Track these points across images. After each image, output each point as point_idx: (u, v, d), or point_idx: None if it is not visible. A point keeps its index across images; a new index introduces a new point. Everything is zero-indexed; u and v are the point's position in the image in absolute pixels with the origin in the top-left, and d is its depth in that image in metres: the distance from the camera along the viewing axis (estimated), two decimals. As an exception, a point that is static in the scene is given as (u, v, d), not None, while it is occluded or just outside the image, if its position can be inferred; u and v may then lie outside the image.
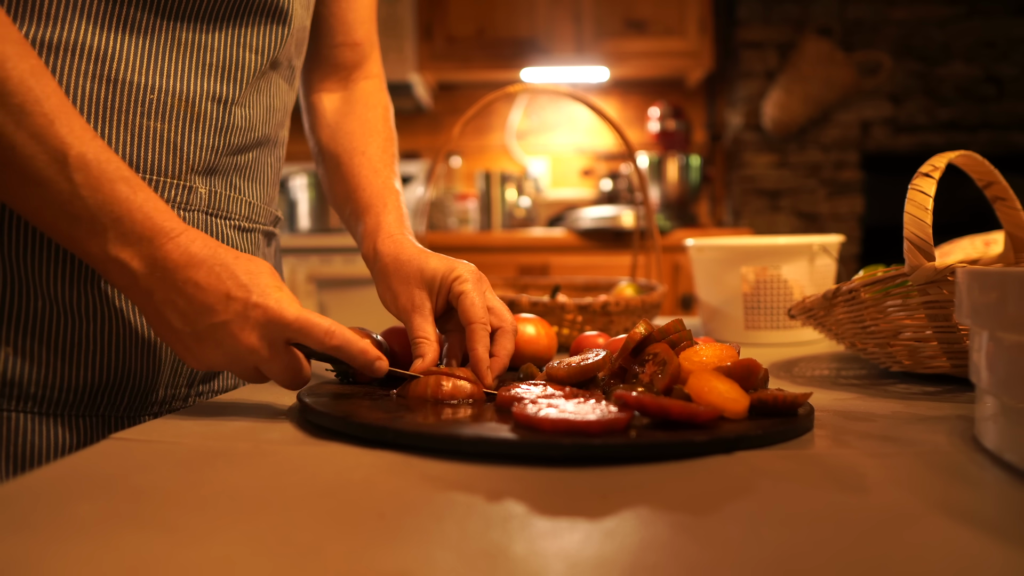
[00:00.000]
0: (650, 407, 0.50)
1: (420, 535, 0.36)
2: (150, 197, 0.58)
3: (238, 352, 0.58)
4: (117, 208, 0.56)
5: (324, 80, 0.89)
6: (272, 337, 0.58)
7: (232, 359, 0.58)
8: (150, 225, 0.57)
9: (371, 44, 0.90)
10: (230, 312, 0.57)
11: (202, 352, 0.58)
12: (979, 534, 0.35)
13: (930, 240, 0.64)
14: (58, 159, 0.55)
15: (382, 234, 0.76)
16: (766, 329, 1.05)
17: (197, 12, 0.67)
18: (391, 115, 0.90)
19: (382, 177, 0.82)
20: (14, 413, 0.64)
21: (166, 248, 0.57)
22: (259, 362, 0.59)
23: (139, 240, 0.56)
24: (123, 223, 0.56)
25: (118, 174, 0.57)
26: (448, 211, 3.36)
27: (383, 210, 0.79)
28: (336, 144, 0.85)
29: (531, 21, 3.15)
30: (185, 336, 0.58)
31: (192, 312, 0.57)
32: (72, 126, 0.56)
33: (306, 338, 0.59)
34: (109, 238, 0.56)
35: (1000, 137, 3.15)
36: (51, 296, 0.64)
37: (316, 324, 0.58)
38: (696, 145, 3.49)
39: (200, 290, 0.57)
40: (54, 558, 0.33)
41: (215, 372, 0.76)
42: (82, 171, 0.55)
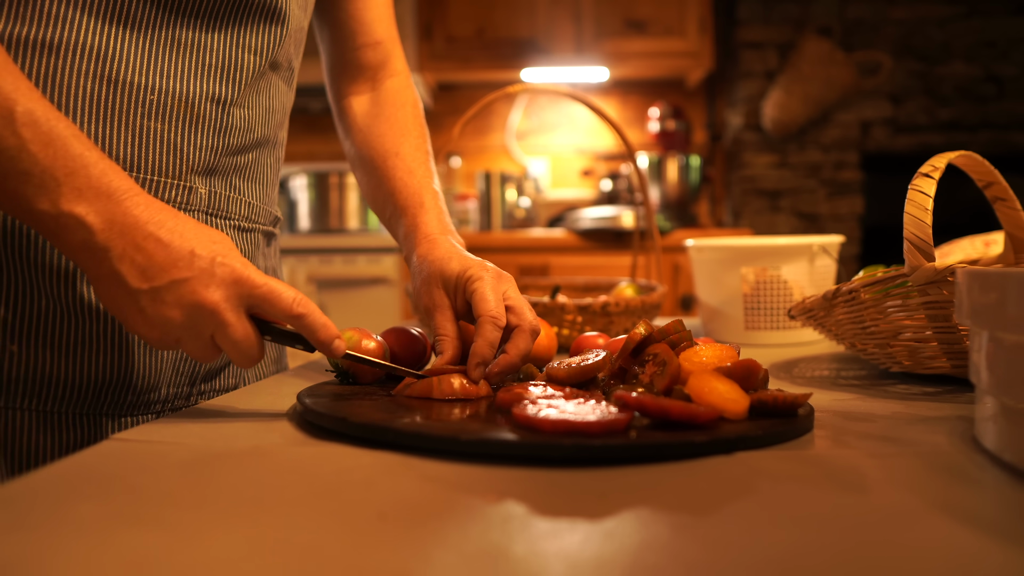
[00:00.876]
0: (650, 408, 0.50)
1: (420, 535, 0.36)
2: (103, 157, 0.55)
3: (199, 313, 0.55)
4: (71, 163, 0.53)
5: (351, 84, 0.90)
6: (236, 298, 0.56)
7: (190, 322, 0.55)
8: (106, 182, 0.54)
9: (392, 41, 0.91)
10: (195, 268, 0.54)
11: (157, 314, 0.54)
12: (979, 534, 0.35)
13: (930, 240, 0.64)
14: (3, 114, 0.52)
15: (419, 235, 0.77)
16: (766, 330, 1.05)
17: (196, 11, 0.67)
18: (421, 111, 0.91)
19: (417, 177, 0.83)
20: (17, 411, 0.64)
21: (126, 204, 0.54)
22: (217, 327, 0.55)
23: (96, 196, 0.53)
24: (77, 177, 0.53)
25: (69, 131, 0.54)
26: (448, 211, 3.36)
27: (420, 211, 0.80)
28: (369, 148, 0.86)
29: (531, 21, 3.15)
30: (141, 296, 0.54)
31: (153, 267, 0.54)
32: (18, 84, 0.54)
33: (272, 304, 0.57)
34: (63, 193, 0.53)
35: (1000, 137, 3.15)
36: (53, 295, 0.64)
37: (284, 291, 0.57)
38: (696, 145, 3.49)
39: (163, 246, 0.54)
40: (54, 558, 0.33)
41: (216, 371, 0.77)
42: (30, 127, 0.52)
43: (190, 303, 0.54)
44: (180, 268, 0.54)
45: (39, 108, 0.53)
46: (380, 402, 0.60)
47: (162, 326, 0.55)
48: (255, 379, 0.84)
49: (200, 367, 0.74)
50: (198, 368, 0.74)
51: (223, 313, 0.55)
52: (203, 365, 0.74)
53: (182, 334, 0.56)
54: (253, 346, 0.57)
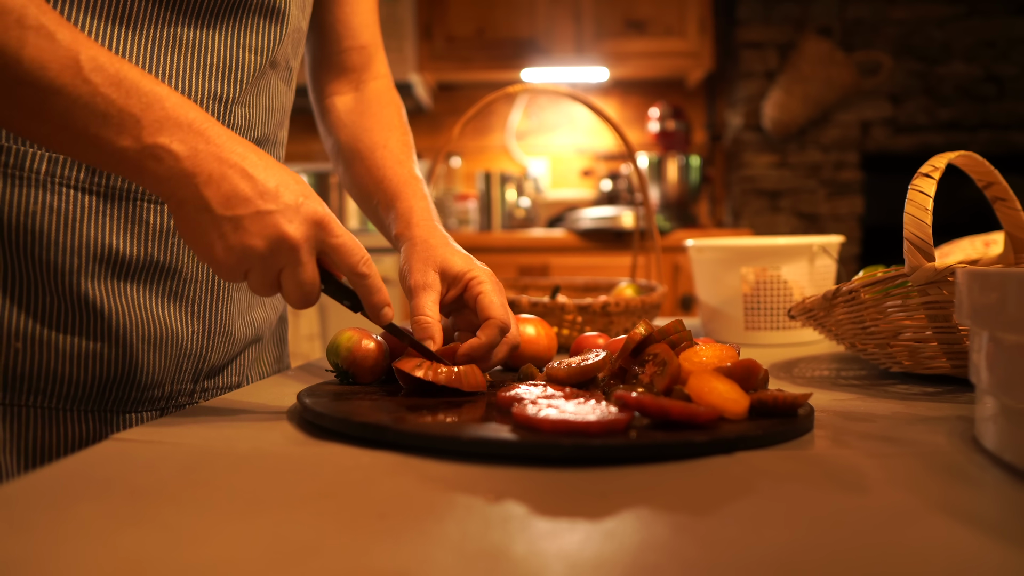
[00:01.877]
0: (650, 408, 0.50)
1: (420, 535, 0.36)
2: (173, 91, 0.56)
3: (280, 246, 0.55)
4: (145, 98, 0.54)
5: (335, 83, 0.90)
6: (314, 240, 0.57)
7: (269, 253, 0.55)
8: (184, 112, 0.55)
9: (376, 46, 0.92)
10: (280, 203, 0.55)
11: (239, 241, 0.55)
12: (979, 534, 0.35)
13: (930, 240, 0.64)
14: (70, 65, 0.52)
15: (415, 217, 0.78)
16: (766, 330, 1.05)
17: (197, 10, 0.67)
18: (404, 113, 0.92)
19: (406, 168, 0.84)
20: (23, 408, 0.64)
21: (207, 133, 0.55)
22: (291, 263, 0.56)
23: (177, 126, 0.54)
24: (154, 110, 0.54)
25: (135, 71, 0.54)
26: (448, 211, 3.36)
27: (413, 197, 0.81)
28: (356, 140, 0.86)
29: (531, 21, 3.15)
30: (224, 223, 0.54)
31: (237, 197, 0.54)
32: (75, 35, 0.54)
33: (343, 257, 0.59)
34: (144, 127, 0.53)
35: (1000, 137, 3.15)
36: (59, 292, 0.64)
37: (356, 247, 0.59)
38: (696, 145, 3.49)
39: (248, 177, 0.55)
40: (54, 558, 0.33)
41: (219, 368, 0.77)
42: (98, 71, 0.53)
43: (273, 235, 0.55)
44: (266, 200, 0.55)
45: (101, 54, 0.54)
46: (380, 402, 0.60)
47: (241, 253, 0.55)
48: (257, 378, 0.84)
49: (204, 364, 0.74)
50: (201, 365, 0.74)
51: (300, 250, 0.56)
52: (206, 362, 0.74)
53: (256, 264, 0.56)
54: (313, 291, 0.58)
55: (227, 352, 0.77)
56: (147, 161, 0.54)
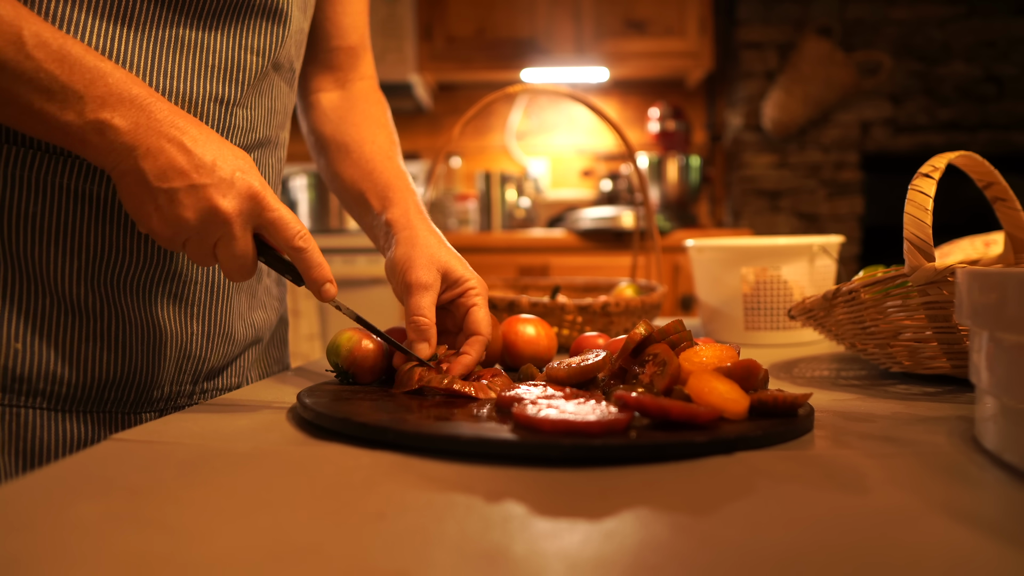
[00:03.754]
0: (650, 408, 0.50)
1: (420, 535, 0.36)
2: (117, 67, 0.57)
3: (211, 219, 0.57)
4: (88, 74, 0.55)
5: (321, 80, 0.90)
6: (248, 214, 0.58)
7: (201, 225, 0.57)
8: (126, 88, 0.56)
9: (364, 47, 0.92)
10: (215, 177, 0.57)
11: (173, 213, 0.56)
12: (979, 534, 0.35)
13: (930, 240, 0.64)
14: (13, 40, 0.54)
15: (412, 212, 0.78)
16: (766, 330, 1.05)
17: (199, 11, 0.67)
18: (390, 113, 0.92)
19: (395, 163, 0.84)
20: (23, 409, 0.64)
21: (149, 108, 0.56)
22: (223, 236, 0.58)
23: (119, 101, 0.56)
24: (97, 86, 0.55)
25: (78, 48, 0.56)
26: (448, 212, 3.36)
27: (406, 191, 0.80)
28: (343, 135, 0.86)
29: (531, 21, 3.15)
30: (159, 195, 0.56)
31: (173, 170, 0.56)
32: (19, 11, 0.55)
33: (278, 231, 0.59)
34: (86, 102, 0.55)
35: (1000, 137, 3.15)
36: (57, 293, 0.64)
37: (291, 221, 0.59)
38: (696, 145, 3.49)
39: (185, 151, 0.56)
40: (54, 558, 0.33)
41: (219, 370, 0.77)
42: (41, 47, 0.54)
43: (205, 208, 0.57)
44: (201, 174, 0.56)
45: (45, 30, 0.55)
46: (380, 402, 0.60)
47: (175, 225, 0.57)
48: (256, 378, 0.84)
49: (203, 366, 0.74)
50: (201, 367, 0.74)
51: (233, 224, 0.57)
52: (206, 364, 0.74)
53: (191, 235, 0.58)
54: (248, 264, 0.60)
55: (227, 353, 0.77)
56: (90, 134, 0.56)
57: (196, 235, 0.58)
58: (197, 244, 0.59)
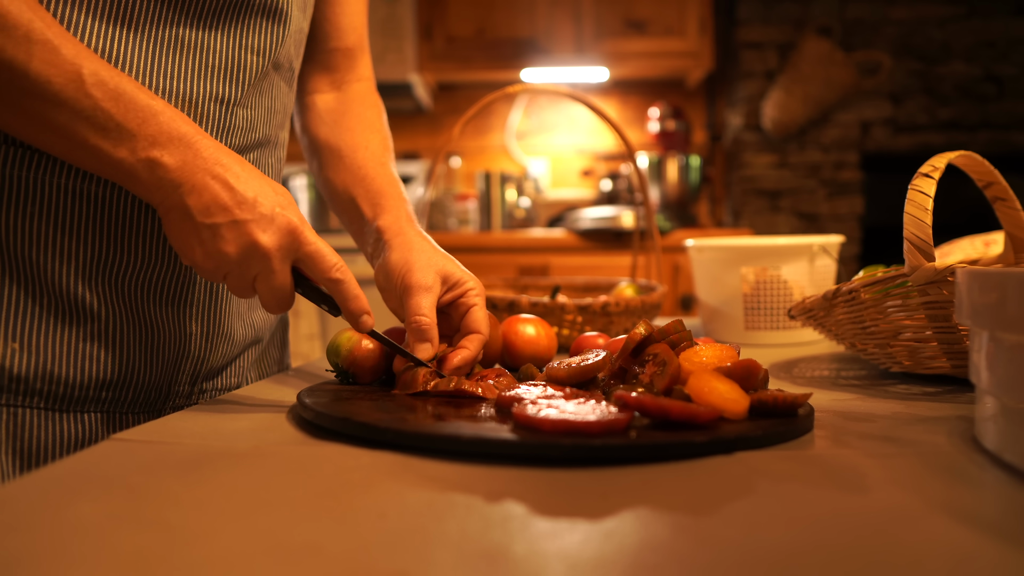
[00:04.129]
0: (650, 408, 0.50)
1: (420, 535, 0.36)
2: (168, 105, 0.60)
3: (252, 254, 0.59)
4: (141, 113, 0.58)
5: (317, 81, 0.90)
6: (287, 249, 0.61)
7: (242, 259, 0.60)
8: (176, 127, 0.59)
9: (362, 49, 0.92)
10: (255, 213, 0.59)
11: (215, 248, 0.59)
12: (979, 534, 0.35)
13: (930, 240, 0.64)
14: (74, 79, 0.56)
15: (404, 218, 0.78)
16: (766, 330, 1.05)
17: (199, 11, 0.67)
18: (385, 116, 0.92)
19: (387, 170, 0.84)
20: (20, 409, 0.64)
21: (196, 146, 0.59)
22: (263, 270, 0.60)
23: (168, 140, 0.59)
24: (149, 125, 0.58)
25: (132, 85, 0.59)
26: (448, 211, 3.36)
27: (399, 198, 0.81)
28: (336, 138, 0.86)
29: (531, 21, 3.15)
30: (203, 230, 0.59)
31: (216, 206, 0.59)
32: (78, 49, 0.57)
33: (315, 264, 0.62)
34: (138, 140, 0.58)
35: (1000, 137, 3.15)
36: (56, 292, 0.64)
37: (328, 255, 0.62)
38: (696, 145, 3.49)
39: (229, 188, 0.59)
40: (54, 558, 0.33)
41: (218, 370, 0.77)
42: (99, 86, 0.57)
43: (246, 243, 0.59)
44: (243, 210, 0.59)
45: (102, 68, 0.58)
46: (380, 402, 0.60)
47: (216, 259, 0.60)
48: (256, 379, 0.84)
49: (202, 366, 0.74)
50: (200, 367, 0.74)
51: (272, 259, 0.60)
52: (205, 364, 0.74)
53: (232, 269, 0.61)
54: (286, 296, 0.63)
55: (226, 354, 0.77)
56: (140, 171, 0.59)
57: (237, 268, 0.60)
58: (238, 277, 0.61)
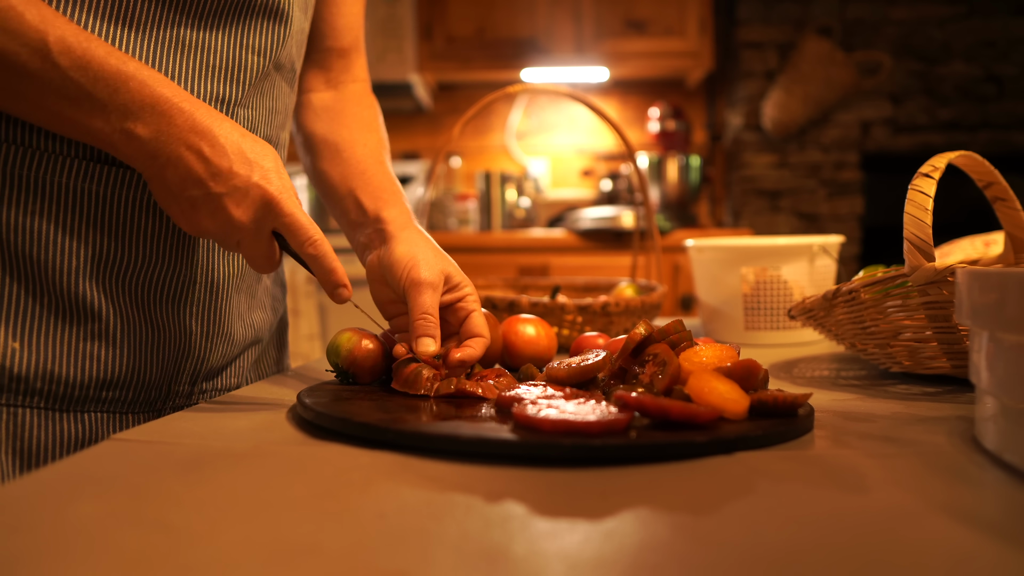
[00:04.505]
0: (650, 408, 0.50)
1: (420, 535, 0.36)
2: (140, 67, 0.59)
3: (227, 225, 0.60)
4: (111, 82, 0.57)
5: (313, 80, 0.90)
6: (262, 221, 0.61)
7: (221, 231, 0.61)
8: (148, 92, 0.58)
9: (358, 50, 0.92)
10: (228, 186, 0.59)
11: (195, 218, 0.60)
12: (979, 534, 0.35)
13: (930, 240, 0.64)
14: (39, 49, 0.55)
15: (406, 216, 0.78)
16: (766, 330, 1.05)
17: (200, 11, 0.67)
18: (381, 117, 0.92)
19: (386, 168, 0.84)
20: (20, 408, 0.64)
21: (171, 112, 0.58)
22: (241, 241, 0.62)
23: (140, 108, 0.58)
24: (119, 95, 0.57)
25: (103, 49, 0.57)
26: (448, 211, 3.36)
27: (399, 195, 0.81)
28: (334, 134, 0.86)
29: (531, 21, 3.15)
30: (182, 201, 0.60)
31: (190, 180, 0.59)
32: (43, 15, 0.56)
33: (291, 236, 0.62)
34: (110, 111, 0.57)
35: (1000, 137, 3.15)
36: (56, 292, 0.64)
37: (304, 227, 0.61)
38: (696, 145, 3.49)
39: (203, 160, 0.59)
40: (54, 558, 0.33)
41: (218, 370, 0.77)
42: (65, 54, 0.56)
43: (223, 218, 0.60)
44: (217, 182, 0.59)
45: (68, 33, 0.57)
46: (380, 402, 0.60)
47: (198, 229, 0.61)
48: (255, 379, 0.84)
49: (202, 365, 0.74)
50: (200, 367, 0.74)
51: (246, 230, 0.61)
52: (205, 363, 0.74)
53: (216, 236, 0.62)
54: (271, 262, 0.64)
55: (226, 354, 0.77)
56: (118, 141, 0.58)
57: (218, 238, 0.62)
58: (224, 242, 0.63)
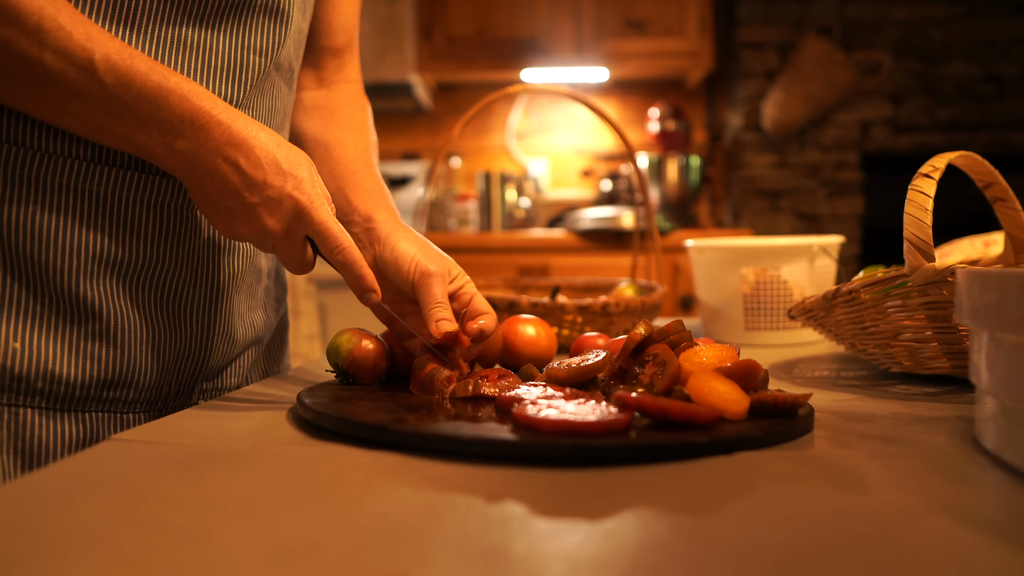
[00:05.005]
0: (650, 408, 0.50)
1: (420, 535, 0.36)
2: (180, 82, 0.61)
3: (262, 233, 0.63)
4: (152, 99, 0.59)
5: (305, 78, 0.90)
6: (294, 230, 0.64)
7: (256, 237, 0.64)
8: (187, 107, 0.60)
9: (352, 51, 0.92)
10: (263, 196, 0.62)
11: (232, 225, 0.64)
12: (979, 534, 0.35)
13: (930, 241, 0.64)
14: (86, 68, 0.57)
15: (397, 216, 0.79)
16: (766, 330, 1.05)
17: (200, 12, 0.67)
18: (371, 119, 0.92)
19: (375, 172, 0.84)
20: (21, 408, 0.64)
21: (210, 125, 0.61)
22: (277, 244, 0.65)
23: (179, 123, 0.60)
24: (160, 111, 0.59)
25: (146, 64, 0.59)
26: (448, 212, 3.36)
27: (389, 197, 0.81)
28: (323, 133, 0.86)
29: (531, 21, 3.15)
30: (219, 210, 0.63)
31: (227, 191, 0.61)
32: (89, 32, 0.58)
33: (321, 243, 0.64)
34: (152, 127, 0.60)
35: (1000, 137, 3.15)
36: (56, 292, 0.64)
37: (335, 235, 0.64)
38: (696, 145, 3.49)
39: (239, 171, 0.61)
40: (54, 558, 0.33)
41: (218, 369, 0.77)
42: (111, 72, 0.58)
43: (257, 227, 0.63)
44: (252, 193, 0.62)
45: (113, 50, 0.58)
46: (380, 402, 0.60)
47: (233, 236, 0.65)
48: (256, 379, 0.84)
49: (203, 365, 0.74)
50: (200, 366, 0.74)
51: (279, 239, 0.64)
52: (206, 364, 0.74)
53: (252, 242, 0.65)
54: (302, 264, 0.66)
55: (227, 354, 0.77)
56: (160, 154, 0.61)
57: (255, 244, 0.65)
58: (260, 246, 0.66)
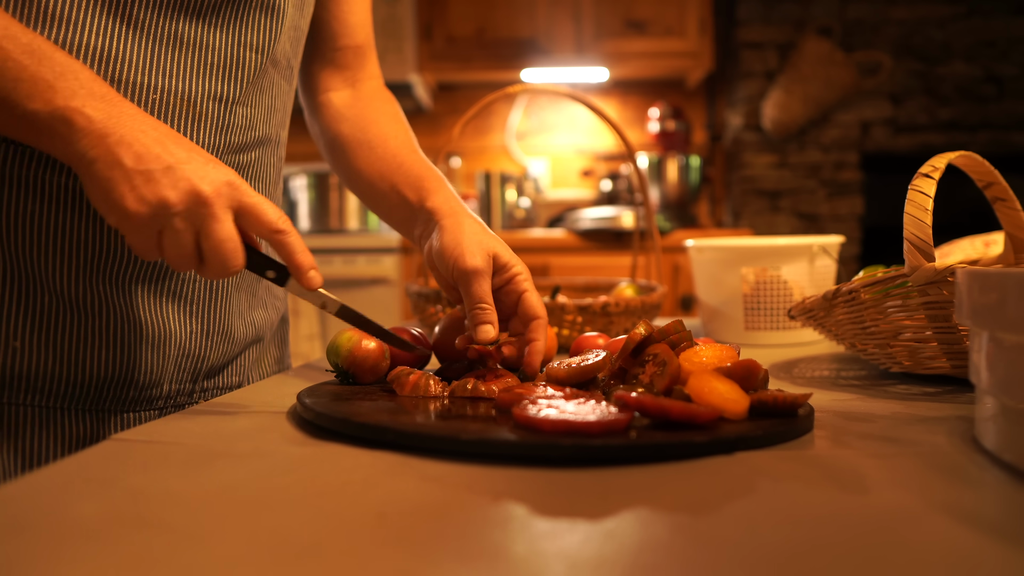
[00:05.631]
0: (650, 408, 0.50)
1: (420, 535, 0.36)
2: (86, 67, 0.57)
3: (192, 198, 0.54)
4: (58, 67, 0.55)
5: (330, 80, 0.90)
6: (228, 196, 0.56)
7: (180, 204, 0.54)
8: (98, 86, 0.56)
9: (370, 47, 0.93)
10: (192, 161, 0.56)
11: (152, 192, 0.54)
12: (979, 534, 0.35)
13: (930, 241, 0.64)
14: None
15: (452, 199, 0.77)
16: (766, 330, 1.05)
17: (197, 9, 0.67)
18: (402, 111, 0.92)
19: (421, 157, 0.84)
20: (21, 407, 0.64)
21: (121, 104, 0.56)
22: (207, 218, 0.55)
23: (90, 95, 0.55)
24: (68, 79, 0.55)
25: (49, 45, 0.56)
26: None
27: (441, 180, 0.80)
28: (362, 132, 0.86)
29: (531, 21, 3.15)
30: (135, 176, 0.54)
31: (150, 155, 0.54)
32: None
33: (258, 215, 0.57)
34: (57, 91, 0.54)
35: (1000, 137, 3.15)
36: (56, 291, 0.64)
37: (270, 206, 0.58)
38: (696, 145, 3.49)
39: (160, 142, 0.55)
40: (54, 558, 0.33)
41: (218, 368, 0.77)
42: (10, 39, 0.55)
43: (186, 187, 0.54)
44: (178, 158, 0.55)
45: (14, 25, 0.56)
46: (380, 402, 0.60)
47: (153, 204, 0.54)
48: (257, 379, 0.84)
49: (203, 364, 0.74)
50: (200, 365, 0.74)
51: (215, 205, 0.55)
52: (205, 362, 0.74)
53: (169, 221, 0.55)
54: (236, 251, 0.56)
55: (226, 352, 0.77)
56: (57, 124, 0.54)
57: (175, 219, 0.55)
58: (176, 232, 0.55)
